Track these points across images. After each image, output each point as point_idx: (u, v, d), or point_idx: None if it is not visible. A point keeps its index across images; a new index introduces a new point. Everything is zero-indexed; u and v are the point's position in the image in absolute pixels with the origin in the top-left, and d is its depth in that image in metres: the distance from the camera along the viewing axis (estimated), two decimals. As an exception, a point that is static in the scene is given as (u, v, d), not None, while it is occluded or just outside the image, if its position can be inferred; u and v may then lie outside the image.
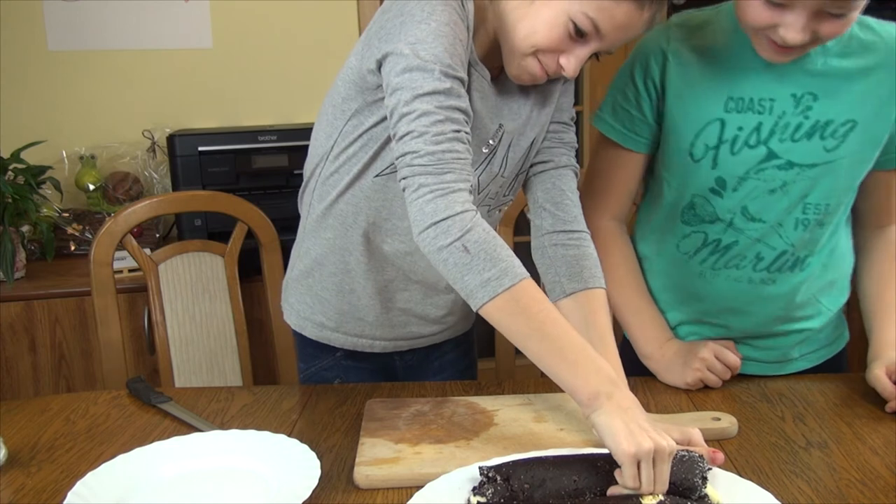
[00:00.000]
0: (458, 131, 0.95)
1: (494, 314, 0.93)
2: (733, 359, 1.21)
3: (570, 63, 1.00)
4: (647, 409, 1.13)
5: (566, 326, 0.94)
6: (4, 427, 1.14)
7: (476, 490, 0.88)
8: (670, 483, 0.87)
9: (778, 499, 0.88)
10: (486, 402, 1.16)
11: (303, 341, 1.34)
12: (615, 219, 1.32)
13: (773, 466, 0.99)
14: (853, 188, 1.23)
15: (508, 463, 0.90)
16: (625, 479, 0.84)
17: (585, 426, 1.07)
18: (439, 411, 1.13)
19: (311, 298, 1.28)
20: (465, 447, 1.02)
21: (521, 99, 1.12)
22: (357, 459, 1.00)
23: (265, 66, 2.47)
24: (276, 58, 2.45)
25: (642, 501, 0.84)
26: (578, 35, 0.98)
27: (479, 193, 1.14)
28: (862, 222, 1.31)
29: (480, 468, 0.90)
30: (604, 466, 0.88)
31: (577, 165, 1.20)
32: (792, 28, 1.02)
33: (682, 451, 0.91)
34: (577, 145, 1.20)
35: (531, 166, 1.19)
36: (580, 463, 0.90)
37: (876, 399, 1.17)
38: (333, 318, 1.28)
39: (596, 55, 1.02)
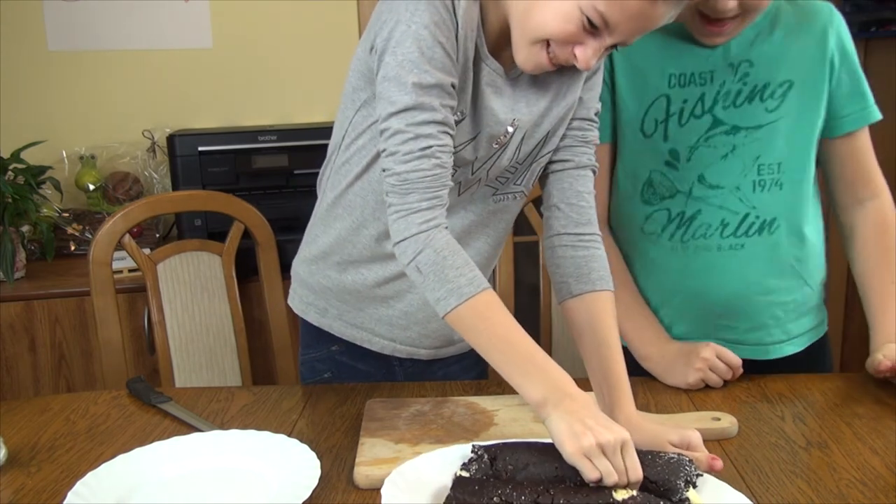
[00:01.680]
0: (426, 147, 0.96)
1: (455, 327, 0.98)
2: (735, 358, 1.21)
3: (585, 54, 0.98)
4: (648, 409, 1.13)
5: (515, 336, 0.95)
6: (4, 427, 1.14)
7: (464, 465, 0.90)
8: (651, 482, 0.87)
9: (752, 498, 0.88)
10: (486, 402, 1.16)
11: (305, 327, 1.33)
12: (599, 220, 1.28)
13: (773, 466, 0.99)
14: (807, 149, 1.27)
15: (498, 444, 0.93)
16: (585, 475, 0.85)
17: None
18: (439, 411, 1.13)
19: (316, 284, 1.27)
20: (464, 447, 1.02)
21: (539, 91, 1.10)
22: (357, 459, 1.00)
23: (265, 66, 2.46)
24: (276, 58, 2.45)
25: (614, 495, 0.84)
26: (592, 28, 0.96)
27: (486, 183, 1.14)
28: (841, 203, 1.33)
29: (473, 446, 0.92)
30: None
31: (597, 164, 1.17)
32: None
33: (674, 454, 0.91)
34: (598, 142, 1.17)
35: (550, 163, 1.15)
36: None
37: (876, 399, 1.17)
38: (336, 306, 1.26)
39: (614, 46, 0.99)
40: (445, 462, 0.93)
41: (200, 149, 2.10)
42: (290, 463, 0.98)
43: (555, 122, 1.12)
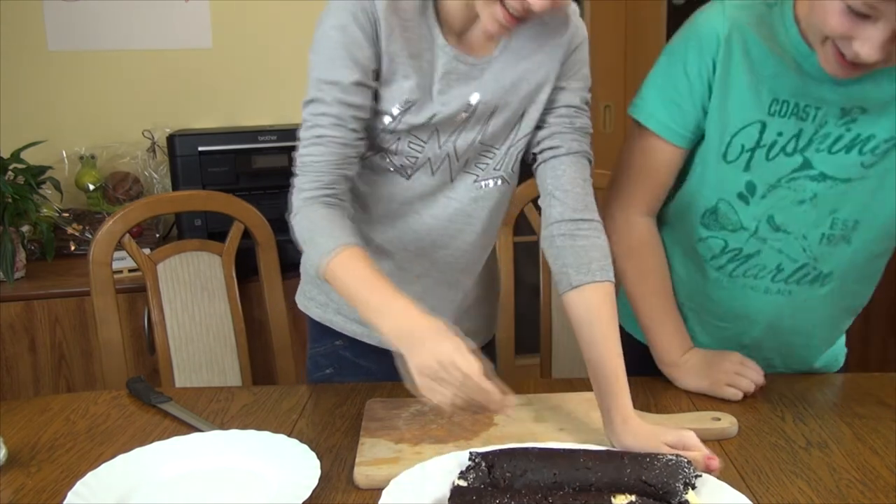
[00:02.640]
0: (319, 136, 1.05)
1: (332, 286, 1.02)
2: (758, 368, 1.20)
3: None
4: (648, 409, 1.13)
5: (368, 282, 0.98)
6: (4, 427, 1.14)
7: (462, 474, 0.90)
8: (650, 485, 0.87)
9: (752, 498, 0.88)
10: (486, 402, 1.15)
11: (310, 322, 1.34)
12: (650, 215, 1.25)
13: (773, 466, 0.99)
14: (891, 217, 1.16)
15: (495, 451, 0.92)
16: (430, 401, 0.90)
17: (585, 426, 1.07)
18: (439, 411, 1.13)
19: (316, 280, 1.27)
20: (464, 447, 1.02)
21: (507, 68, 1.11)
22: (357, 459, 1.00)
23: (265, 66, 2.46)
24: (276, 58, 2.45)
25: (613, 500, 0.84)
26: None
27: (456, 160, 1.14)
28: None
29: (470, 453, 0.92)
30: (585, 463, 0.89)
31: (591, 152, 1.15)
32: (869, 43, 0.95)
33: (672, 456, 0.90)
34: (591, 131, 1.16)
35: (542, 152, 1.15)
36: (563, 458, 0.90)
37: (876, 399, 1.17)
38: (335, 300, 1.27)
39: None
40: (443, 471, 0.92)
41: (200, 149, 2.11)
42: (290, 463, 0.98)
43: (525, 102, 1.13)
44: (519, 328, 1.62)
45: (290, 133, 2.15)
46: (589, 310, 1.07)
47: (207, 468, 1.00)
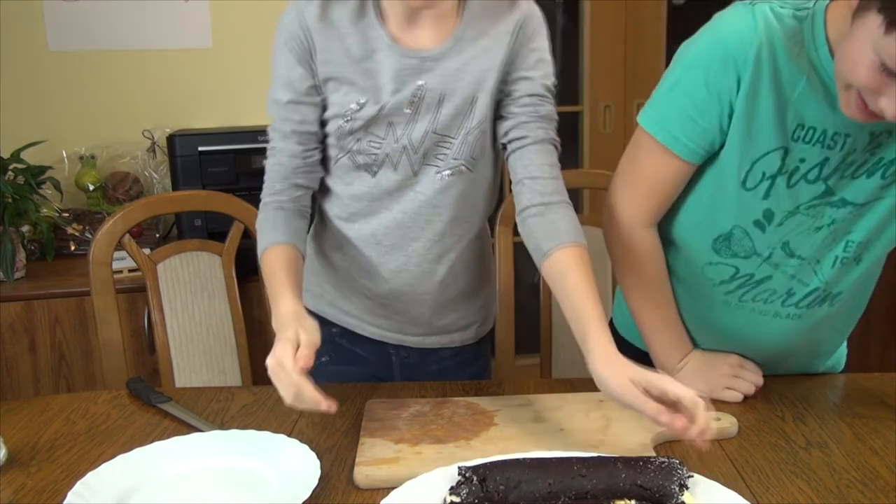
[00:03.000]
0: (272, 148, 1.20)
1: None
2: (756, 370, 1.20)
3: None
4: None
5: (269, 282, 1.11)
6: (4, 427, 1.14)
7: (452, 490, 0.88)
8: (645, 489, 0.86)
9: (752, 498, 0.88)
10: (486, 403, 1.16)
11: (309, 312, 1.34)
12: (653, 226, 1.20)
13: (773, 466, 0.99)
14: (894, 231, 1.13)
15: (486, 464, 0.90)
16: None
17: (585, 426, 1.07)
18: (439, 411, 1.13)
19: (312, 270, 1.34)
20: (465, 447, 1.02)
21: (448, 57, 1.14)
22: (357, 459, 1.00)
23: (265, 66, 2.44)
24: (276, 58, 2.45)
25: None
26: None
27: (414, 153, 1.17)
28: None
29: (459, 468, 0.90)
30: (579, 470, 0.88)
31: (557, 138, 1.18)
32: (890, 107, 0.91)
33: (664, 458, 0.90)
34: (556, 118, 1.18)
35: (510, 143, 1.17)
36: (556, 466, 0.89)
37: (876, 399, 1.17)
38: (329, 291, 1.33)
39: None
40: (432, 487, 0.90)
41: (200, 149, 2.11)
42: (290, 463, 0.98)
43: (473, 88, 1.15)
44: (519, 328, 1.62)
45: (290, 133, 2.17)
46: (561, 269, 1.08)
47: (207, 468, 1.00)
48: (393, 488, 0.93)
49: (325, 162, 1.23)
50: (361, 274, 1.28)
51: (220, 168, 2.12)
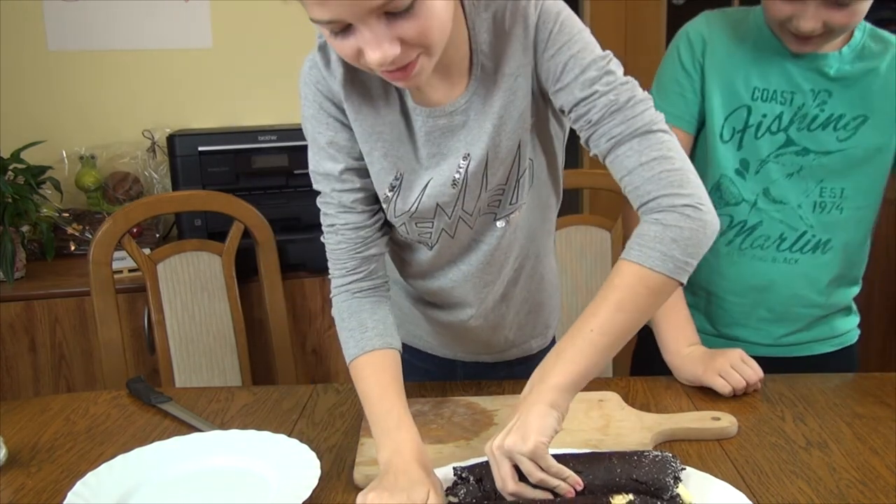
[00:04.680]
0: (331, 225, 1.06)
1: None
2: (757, 368, 1.20)
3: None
4: (648, 409, 1.14)
5: (373, 401, 0.99)
6: (4, 427, 1.14)
7: (449, 490, 0.89)
8: (641, 482, 0.87)
9: (752, 498, 0.88)
10: (486, 402, 1.16)
11: None
12: None
13: (773, 466, 0.99)
14: (873, 181, 1.32)
15: (482, 464, 0.90)
16: None
17: (585, 425, 1.07)
18: (439, 411, 1.13)
19: None
20: (464, 447, 1.02)
21: (481, 115, 1.00)
22: (357, 459, 1.00)
23: (265, 66, 2.46)
24: (276, 58, 2.45)
25: (612, 501, 0.84)
26: None
27: (470, 217, 1.07)
28: None
29: (455, 468, 0.90)
30: (576, 467, 0.88)
31: (634, 128, 0.93)
32: (804, 18, 1.18)
33: (658, 452, 0.91)
34: (620, 99, 0.94)
35: (596, 156, 1.01)
36: None
37: (876, 399, 1.17)
38: (398, 316, 1.17)
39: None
40: None
41: (200, 149, 2.10)
42: (290, 463, 0.98)
43: (517, 133, 1.02)
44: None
45: (290, 133, 2.17)
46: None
47: (207, 468, 1.00)
48: (393, 488, 0.93)
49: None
50: (421, 304, 1.22)
51: (220, 168, 2.12)
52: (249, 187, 2.10)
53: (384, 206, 1.07)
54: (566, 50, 0.96)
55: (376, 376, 1.00)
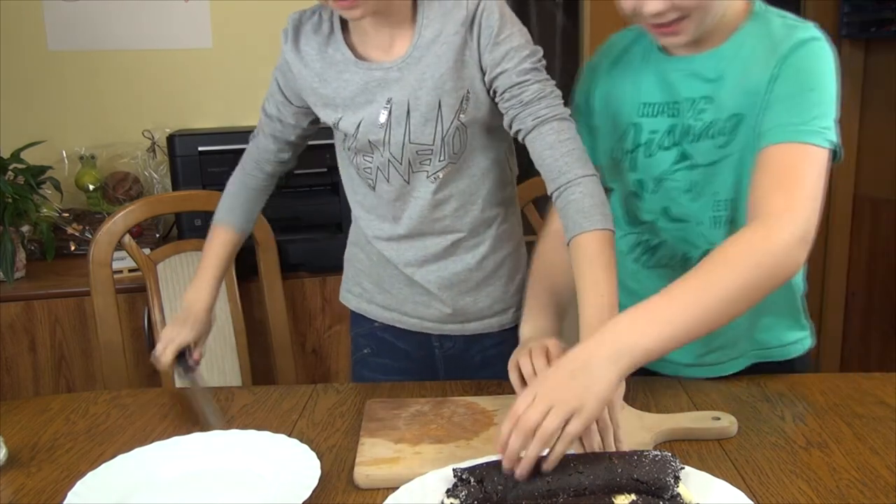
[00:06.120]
0: (255, 135, 1.39)
1: None
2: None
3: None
4: (648, 409, 1.14)
5: (211, 250, 1.37)
6: (4, 427, 1.14)
7: (450, 492, 0.88)
8: (642, 482, 0.86)
9: (752, 498, 0.88)
10: (485, 402, 1.16)
11: (351, 314, 1.44)
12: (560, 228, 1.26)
13: (773, 466, 0.99)
14: None
15: (482, 465, 0.90)
16: None
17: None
18: (439, 411, 1.13)
19: (352, 269, 1.41)
20: (465, 447, 1.03)
21: (409, 66, 1.18)
22: (357, 459, 1.00)
23: (265, 66, 2.44)
24: (276, 58, 2.44)
25: (615, 501, 0.84)
26: None
27: (400, 163, 1.22)
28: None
29: (454, 470, 0.90)
30: (576, 467, 0.88)
31: (554, 111, 1.14)
32: (647, 2, 1.10)
33: (656, 452, 0.91)
34: (547, 91, 1.15)
35: (515, 137, 1.19)
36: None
37: (876, 399, 1.17)
38: (368, 289, 1.38)
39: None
40: (427, 490, 0.90)
41: (200, 149, 2.10)
42: (290, 463, 0.98)
43: (436, 94, 1.17)
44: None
45: (290, 133, 2.17)
46: (572, 266, 1.10)
47: (207, 468, 1.00)
48: (393, 488, 0.93)
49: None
50: (403, 263, 1.31)
51: (220, 168, 2.10)
52: (249, 187, 2.10)
53: (340, 141, 1.28)
54: (510, 39, 1.16)
55: (214, 241, 1.36)
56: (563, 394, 0.88)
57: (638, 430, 1.05)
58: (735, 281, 0.97)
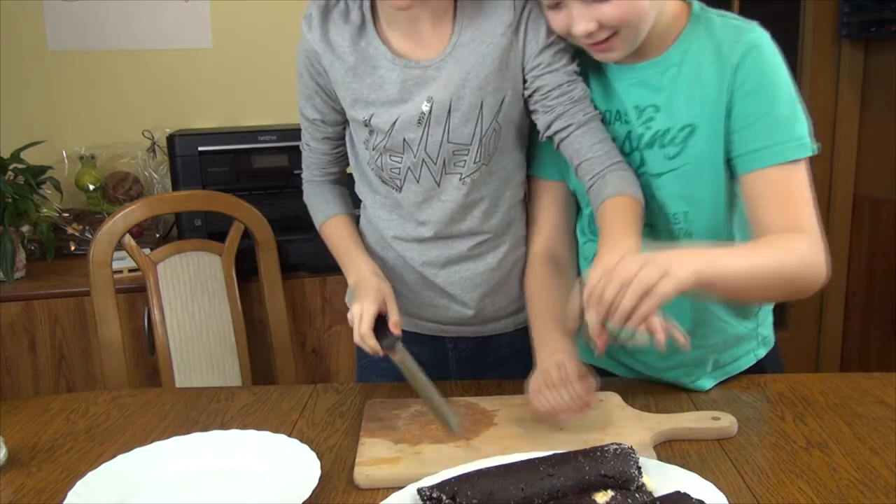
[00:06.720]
0: (306, 145, 1.34)
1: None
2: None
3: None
4: (648, 409, 1.14)
5: (339, 249, 1.29)
6: (4, 427, 1.14)
7: None
8: (609, 477, 0.87)
9: (752, 498, 0.88)
10: (486, 402, 1.16)
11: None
12: (543, 252, 1.27)
13: (773, 466, 0.99)
14: (714, 197, 1.16)
15: (451, 480, 0.88)
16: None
17: (585, 425, 1.07)
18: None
19: None
20: (465, 447, 1.03)
21: (449, 65, 1.16)
22: (357, 459, 1.00)
23: (265, 66, 2.46)
24: (276, 58, 2.45)
25: (595, 499, 0.85)
26: None
27: (434, 164, 1.20)
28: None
29: (419, 491, 0.87)
30: (546, 470, 0.88)
31: (596, 112, 1.18)
32: (574, 22, 1.08)
33: (615, 445, 0.91)
34: (587, 93, 1.18)
35: (556, 133, 1.18)
36: (524, 470, 0.89)
37: (876, 399, 1.17)
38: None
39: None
40: None
41: (200, 149, 2.10)
42: (290, 463, 0.98)
43: (479, 94, 1.16)
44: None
45: (290, 133, 2.17)
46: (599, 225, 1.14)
47: (207, 468, 1.00)
48: (393, 488, 0.93)
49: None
50: (419, 263, 1.29)
51: (220, 168, 2.12)
52: (249, 187, 2.10)
53: (362, 140, 1.24)
54: (556, 43, 1.17)
55: (339, 232, 1.30)
56: (651, 260, 0.93)
57: (638, 430, 1.05)
58: (784, 266, 1.06)
